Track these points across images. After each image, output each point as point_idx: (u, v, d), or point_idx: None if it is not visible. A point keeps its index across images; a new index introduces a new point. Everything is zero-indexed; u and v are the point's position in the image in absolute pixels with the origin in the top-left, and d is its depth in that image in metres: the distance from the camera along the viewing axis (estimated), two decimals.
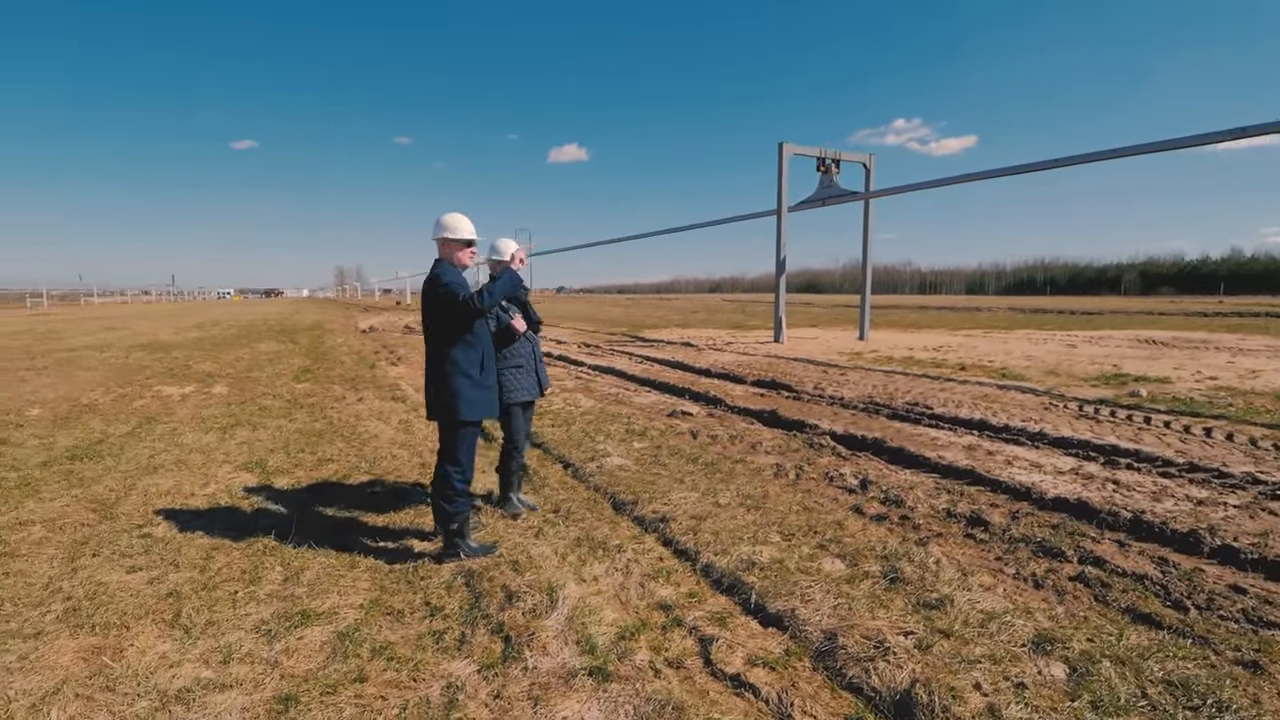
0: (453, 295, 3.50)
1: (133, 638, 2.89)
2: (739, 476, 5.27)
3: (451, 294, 3.50)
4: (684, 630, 3.00)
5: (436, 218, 3.70)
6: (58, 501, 4.76)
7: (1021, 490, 4.83)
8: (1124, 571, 3.47)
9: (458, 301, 3.49)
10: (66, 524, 4.30)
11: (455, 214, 3.70)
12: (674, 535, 4.03)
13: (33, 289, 73.05)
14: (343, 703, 2.48)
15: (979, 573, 3.52)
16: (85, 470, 5.61)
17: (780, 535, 4.03)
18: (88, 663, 2.69)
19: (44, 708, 2.41)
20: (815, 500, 4.73)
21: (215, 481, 5.22)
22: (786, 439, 6.50)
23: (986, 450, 5.97)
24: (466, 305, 3.49)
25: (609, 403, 8.62)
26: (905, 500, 4.63)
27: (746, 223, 15.30)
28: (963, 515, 4.35)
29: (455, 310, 3.50)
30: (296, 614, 3.12)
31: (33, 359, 14.68)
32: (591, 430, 6.83)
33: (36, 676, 2.60)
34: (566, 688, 2.55)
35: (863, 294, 16.85)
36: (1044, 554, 3.76)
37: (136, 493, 4.92)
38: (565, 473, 5.46)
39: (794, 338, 17.61)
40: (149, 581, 3.45)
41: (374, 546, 3.93)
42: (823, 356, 13.29)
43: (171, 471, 5.50)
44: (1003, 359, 12.46)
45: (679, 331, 21.10)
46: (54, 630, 2.96)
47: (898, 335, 18.40)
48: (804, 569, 3.53)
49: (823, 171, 16.22)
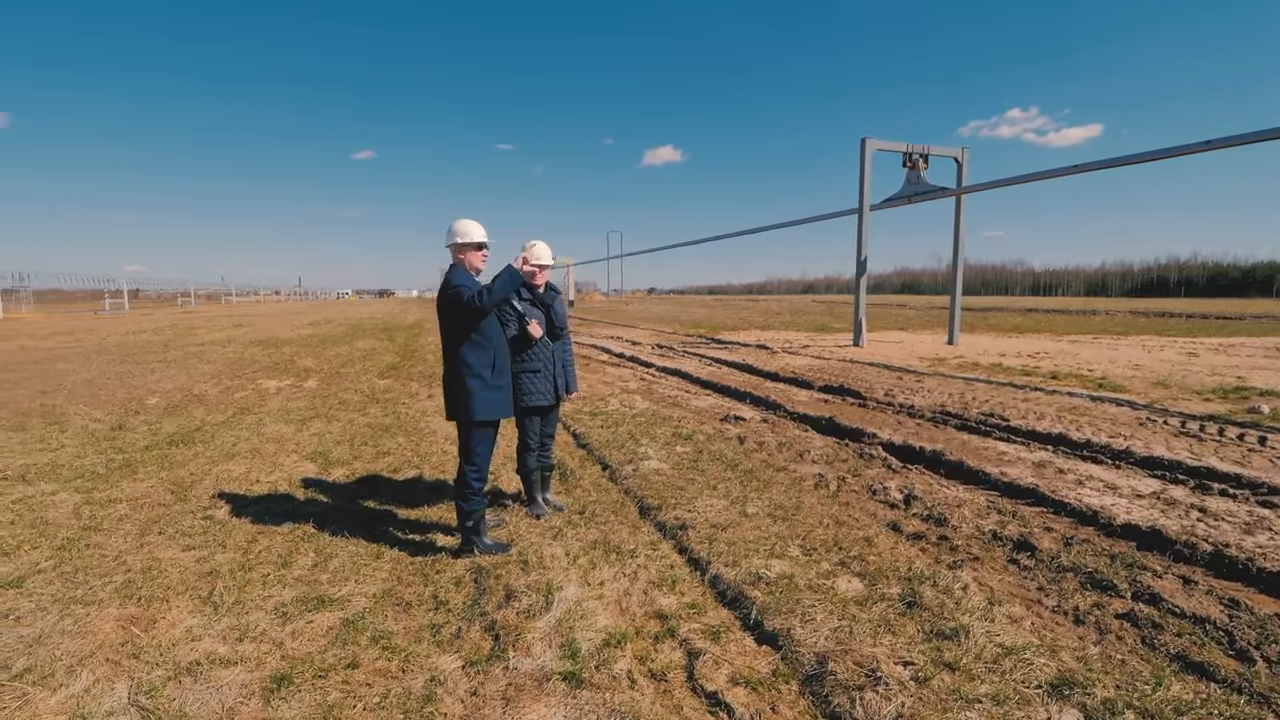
0: (458, 295, 3.59)
1: (167, 611, 3.17)
2: (775, 485, 5.11)
3: (458, 294, 3.60)
4: (675, 642, 2.94)
5: (449, 225, 3.80)
6: (146, 482, 5.30)
7: (1087, 514, 4.40)
8: (1183, 612, 3.08)
9: (462, 301, 3.58)
10: (146, 503, 4.78)
11: (465, 219, 3.79)
12: (689, 543, 3.96)
13: (182, 289, 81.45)
14: (330, 686, 2.61)
15: (1010, 602, 3.23)
16: (177, 455, 6.21)
17: (801, 549, 3.87)
18: (123, 631, 2.98)
19: (78, 669, 2.69)
20: (850, 514, 4.51)
21: (280, 470, 5.64)
22: (837, 448, 6.23)
23: (1058, 468, 5.47)
24: (470, 304, 3.57)
25: (665, 405, 8.59)
26: (949, 519, 4.33)
27: (843, 222, 14.65)
28: (1009, 538, 4.01)
29: (461, 310, 3.60)
30: (313, 599, 3.32)
31: (166, 352, 16.41)
32: (638, 432, 6.84)
33: (81, 640, 2.91)
34: (539, 691, 2.57)
35: (952, 296, 15.88)
36: (1093, 586, 3.40)
37: (211, 477, 5.40)
38: (602, 474, 5.49)
39: (876, 342, 16.86)
40: (197, 560, 3.78)
41: (402, 539, 4.11)
42: (901, 362, 12.64)
43: (246, 459, 5.99)
44: (1105, 367, 11.37)
45: (757, 334, 20.71)
46: (107, 599, 3.30)
47: (992, 340, 17.21)
48: (815, 586, 3.37)
49: (909, 167, 15.43)
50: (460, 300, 3.59)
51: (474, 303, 3.58)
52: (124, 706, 2.46)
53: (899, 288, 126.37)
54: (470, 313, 3.63)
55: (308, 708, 2.48)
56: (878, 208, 15.90)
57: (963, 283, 15.86)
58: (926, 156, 15.28)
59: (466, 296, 3.58)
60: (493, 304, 3.62)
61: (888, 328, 23.30)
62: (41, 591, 3.41)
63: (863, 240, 15.26)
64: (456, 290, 3.62)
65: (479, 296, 3.59)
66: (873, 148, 15.11)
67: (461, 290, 3.61)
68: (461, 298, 3.59)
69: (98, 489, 5.13)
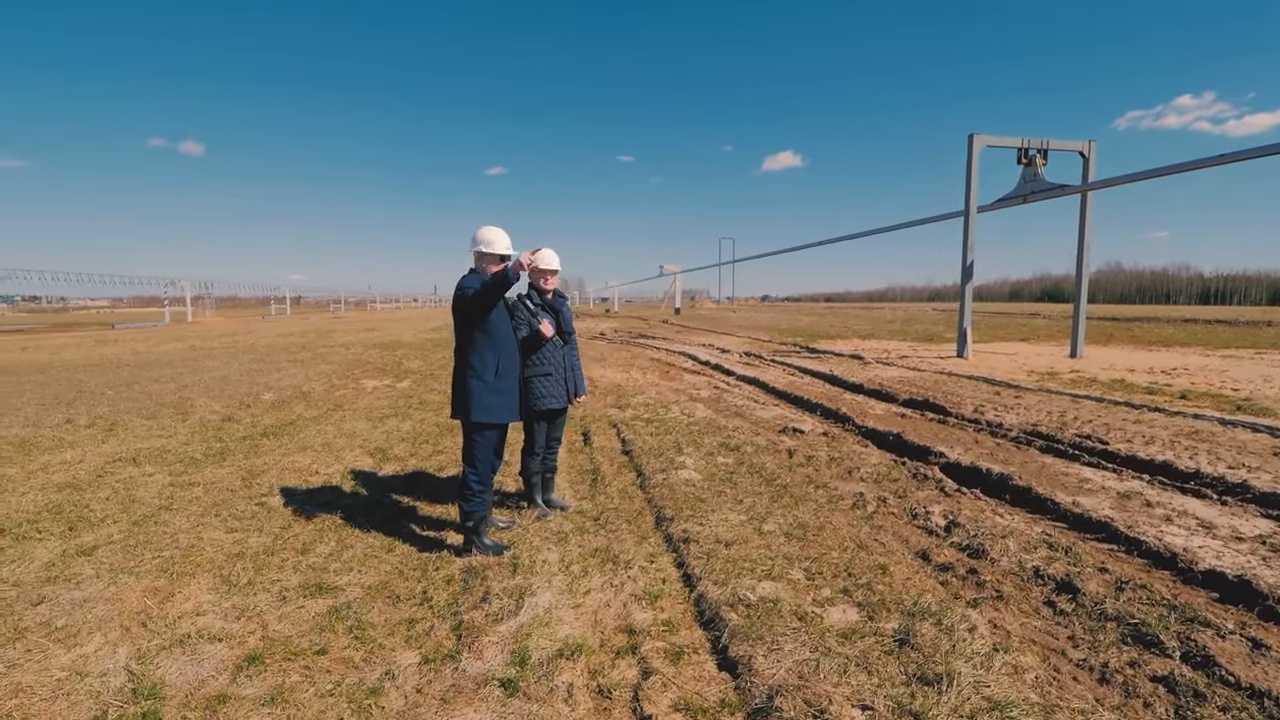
0: (464, 292, 3.67)
1: (187, 586, 3.49)
2: (807, 503, 4.82)
3: (463, 292, 3.68)
4: (633, 659, 2.84)
5: (474, 233, 3.89)
6: (226, 469, 5.88)
7: (1163, 555, 3.79)
8: (1237, 682, 2.56)
9: (467, 296, 3.66)
10: (217, 488, 5.30)
11: (491, 228, 3.87)
12: (688, 558, 3.82)
13: (334, 296, 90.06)
14: (293, 669, 2.76)
15: (1023, 650, 2.84)
16: (264, 445, 6.85)
17: (804, 573, 3.62)
18: (143, 602, 3.32)
19: (95, 632, 3.03)
20: (879, 538, 4.17)
21: (340, 463, 6.06)
22: (892, 466, 5.79)
23: (1146, 500, 4.77)
24: (465, 296, 3.64)
25: (726, 415, 8.38)
26: (988, 551, 3.89)
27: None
28: (1051, 577, 3.53)
29: (462, 306, 3.68)
30: (313, 585, 3.53)
31: (298, 353, 18.20)
32: (685, 441, 6.71)
33: (109, 606, 3.27)
34: (474, 695, 2.57)
35: (1076, 304, 14.30)
36: (1135, 640, 2.91)
37: (279, 467, 5.90)
38: (634, 481, 5.44)
39: (988, 352, 15.53)
40: (234, 542, 4.14)
41: (417, 534, 4.28)
42: (1006, 375, 11.55)
43: (316, 452, 6.50)
44: (1254, 387, 9.78)
45: (857, 343, 19.74)
46: (147, 572, 3.69)
47: (1126, 353, 15.32)
48: (802, 613, 3.14)
49: (1025, 164, 14.10)
50: (465, 295, 3.67)
51: (464, 293, 3.65)
52: (118, 669, 2.73)
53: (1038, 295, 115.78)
54: (466, 305, 3.69)
55: (266, 687, 2.64)
56: (988, 209, 14.66)
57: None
58: (1045, 152, 13.90)
59: (470, 289, 3.66)
60: (481, 296, 3.61)
61: (1009, 338, 21.42)
62: (104, 560, 3.87)
63: (969, 244, 14.10)
64: (461, 291, 3.71)
65: (478, 286, 3.64)
66: (981, 144, 13.96)
67: (468, 288, 3.70)
68: (466, 292, 3.67)
69: (186, 473, 5.76)
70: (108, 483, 5.42)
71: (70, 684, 2.63)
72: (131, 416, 8.49)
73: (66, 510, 4.71)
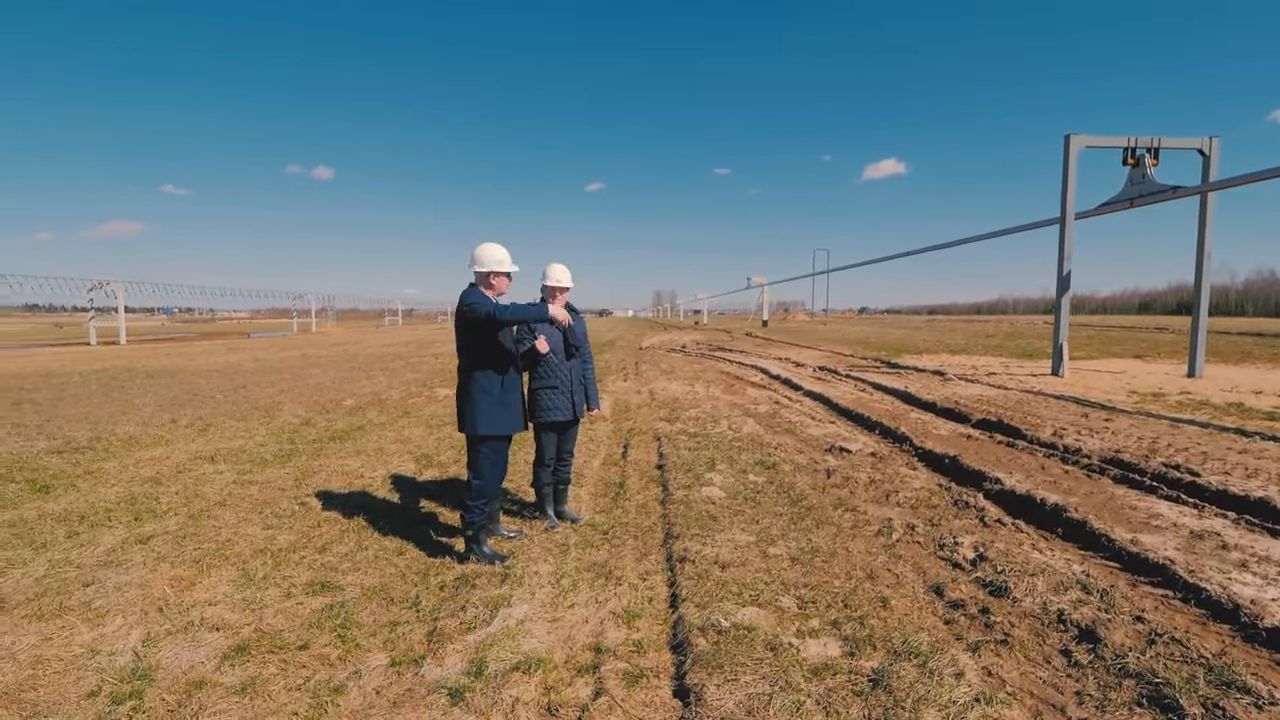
0: (474, 310, 3.79)
1: (209, 577, 3.80)
2: (827, 527, 4.59)
3: (473, 310, 3.79)
4: (590, 679, 2.81)
5: (473, 251, 4.02)
6: (286, 470, 6.35)
7: (1225, 606, 3.32)
8: None
9: (481, 314, 3.77)
10: (271, 487, 5.73)
11: (493, 245, 3.99)
12: (679, 578, 3.74)
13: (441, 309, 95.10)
14: (273, 661, 2.93)
15: (1011, 703, 2.57)
16: (329, 448, 7.33)
17: (796, 601, 3.45)
18: (166, 588, 3.63)
19: (119, 613, 3.35)
20: (892, 568, 3.90)
21: (386, 468, 6.39)
22: (934, 492, 5.41)
23: (1223, 542, 4.19)
24: (490, 316, 3.75)
25: (775, 431, 8.14)
26: (1011, 589, 3.55)
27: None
28: (1075, 624, 3.17)
29: (478, 324, 3.78)
30: (319, 583, 3.73)
31: (392, 361, 19.40)
32: (721, 457, 6.57)
33: (139, 592, 3.61)
34: (421, 701, 2.63)
35: (1195, 318, 12.80)
36: (1151, 703, 2.56)
37: (330, 470, 6.30)
38: (656, 496, 5.38)
39: (1090, 370, 14.19)
40: (266, 538, 4.45)
41: (431, 539, 4.44)
42: (1102, 396, 10.51)
43: (368, 456, 6.88)
44: None
45: (945, 358, 18.61)
46: (182, 561, 4.04)
47: (1259, 374, 13.53)
48: (775, 644, 2.99)
49: (1132, 165, 12.84)
50: (478, 314, 3.79)
51: (495, 315, 3.76)
52: (126, 650, 3.01)
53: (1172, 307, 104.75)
54: (488, 325, 3.82)
55: (242, 677, 2.81)
56: (1089, 214, 13.46)
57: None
58: (1156, 151, 12.60)
59: (485, 310, 3.77)
60: (510, 321, 3.77)
61: (1122, 354, 19.50)
62: (156, 549, 4.27)
63: (1065, 253, 12.97)
64: (472, 306, 3.82)
65: (499, 310, 3.77)
66: (1079, 145, 12.84)
67: (477, 305, 3.81)
68: (478, 311, 3.79)
69: (251, 472, 6.26)
70: (182, 479, 5.99)
71: (82, 660, 2.92)
72: (226, 418, 9.34)
73: (140, 502, 5.24)
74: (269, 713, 2.57)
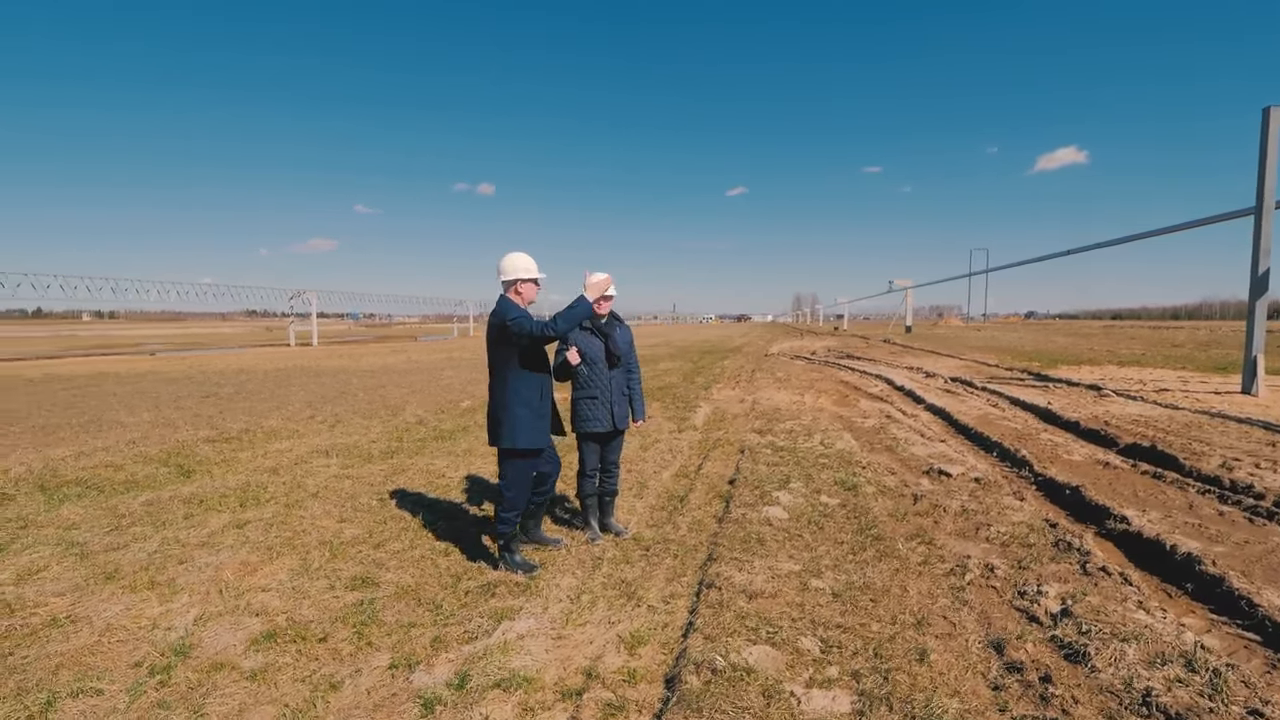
0: (521, 327, 3.81)
1: (272, 564, 4.14)
2: (889, 559, 4.13)
3: (519, 326, 3.82)
4: (569, 704, 2.71)
5: (499, 262, 4.06)
6: (384, 466, 6.84)
7: None
8: None
9: (527, 333, 3.79)
10: (362, 481, 6.19)
11: (520, 254, 4.02)
12: (701, 605, 3.51)
13: None
14: (290, 651, 3.12)
15: None
16: (430, 447, 7.82)
17: (820, 643, 3.11)
18: (230, 572, 4.00)
19: (187, 592, 3.74)
20: (951, 615, 3.41)
21: (468, 469, 6.68)
22: (1035, 529, 4.68)
23: None
24: (543, 333, 3.77)
25: (872, 449, 7.51)
26: (1091, 655, 2.96)
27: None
28: (1163, 710, 2.57)
29: (525, 340, 3.82)
30: (361, 578, 3.95)
31: None
32: (798, 474, 6.16)
33: (212, 573, 4.01)
34: (395, 707, 2.66)
35: None
36: None
37: (417, 468, 6.70)
38: (715, 513, 5.15)
39: None
40: (335, 531, 4.80)
41: (477, 543, 4.55)
42: None
43: (457, 457, 7.24)
44: None
45: (1110, 370, 16.25)
46: (256, 548, 4.45)
47: None
48: (773, 692, 2.70)
49: None
50: (526, 333, 3.82)
51: (547, 332, 3.79)
52: (179, 627, 3.35)
53: None
54: (537, 341, 3.86)
55: (260, 663, 3.02)
56: None
57: None
58: None
59: (533, 328, 3.80)
60: (565, 329, 3.80)
61: None
62: (246, 535, 4.75)
63: (1261, 248, 10.79)
64: (517, 321, 3.85)
65: (550, 326, 3.79)
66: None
67: (522, 321, 3.85)
68: (525, 328, 3.81)
69: (353, 466, 6.82)
70: (295, 470, 6.65)
71: (143, 633, 3.30)
72: (355, 415, 10.29)
73: (251, 490, 5.88)
74: (268, 700, 2.74)
